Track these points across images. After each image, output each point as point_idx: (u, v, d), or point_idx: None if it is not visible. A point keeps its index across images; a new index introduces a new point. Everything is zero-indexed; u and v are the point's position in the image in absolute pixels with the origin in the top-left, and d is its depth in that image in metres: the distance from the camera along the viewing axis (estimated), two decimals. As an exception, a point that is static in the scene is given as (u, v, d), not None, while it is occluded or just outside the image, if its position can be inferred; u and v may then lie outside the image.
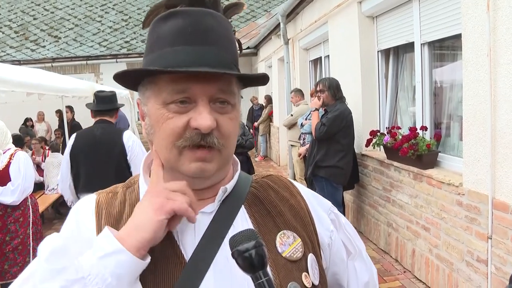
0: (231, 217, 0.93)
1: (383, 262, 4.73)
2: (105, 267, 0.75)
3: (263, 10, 16.86)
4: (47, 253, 0.78)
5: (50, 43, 15.49)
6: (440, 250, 3.86)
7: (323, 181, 4.88)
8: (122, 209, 0.93)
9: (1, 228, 3.87)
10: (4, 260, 3.87)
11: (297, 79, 9.24)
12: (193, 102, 0.84)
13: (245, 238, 0.78)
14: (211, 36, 0.85)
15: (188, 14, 0.85)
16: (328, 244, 1.03)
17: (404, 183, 4.43)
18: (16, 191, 3.84)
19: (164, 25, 0.86)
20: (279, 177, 1.09)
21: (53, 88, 6.03)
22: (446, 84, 4.36)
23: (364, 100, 5.51)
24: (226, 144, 0.87)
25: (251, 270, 0.77)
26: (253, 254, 0.76)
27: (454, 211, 3.61)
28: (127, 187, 1.00)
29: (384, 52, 5.39)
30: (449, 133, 4.26)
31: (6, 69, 5.15)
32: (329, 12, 6.43)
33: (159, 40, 0.86)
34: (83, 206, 0.97)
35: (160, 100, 0.85)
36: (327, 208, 1.08)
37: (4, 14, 17.21)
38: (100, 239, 0.80)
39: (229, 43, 0.89)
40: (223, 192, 0.93)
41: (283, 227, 0.96)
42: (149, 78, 0.88)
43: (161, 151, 0.88)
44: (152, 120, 0.88)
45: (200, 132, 0.83)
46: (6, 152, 4.04)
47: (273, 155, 12.64)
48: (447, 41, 4.19)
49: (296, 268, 0.92)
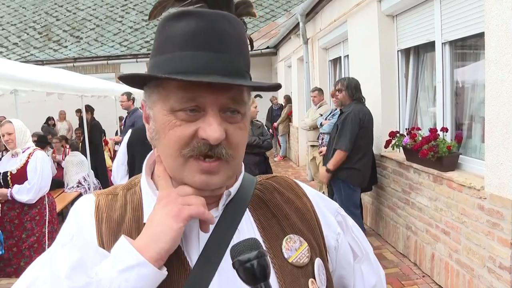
0: (236, 222, 0.90)
1: (401, 266, 4.63)
2: (126, 280, 0.73)
3: (282, 9, 16.81)
4: (68, 268, 0.73)
5: (72, 43, 15.73)
6: (460, 255, 3.75)
7: (340, 182, 4.80)
8: (123, 212, 0.90)
9: (18, 226, 3.93)
10: (21, 257, 3.92)
11: (316, 79, 9.17)
12: (203, 111, 0.80)
13: (247, 248, 0.75)
14: (225, 41, 0.81)
15: (202, 16, 0.80)
16: (334, 247, 1.01)
17: (424, 185, 4.33)
18: (32, 190, 3.90)
19: (175, 26, 0.81)
20: (284, 178, 1.06)
21: (72, 88, 6.12)
22: (468, 84, 4.24)
23: (383, 101, 5.41)
24: (234, 154, 0.84)
25: (253, 281, 0.73)
26: (255, 265, 0.73)
27: (475, 215, 3.50)
28: (127, 188, 0.96)
29: (404, 52, 5.29)
30: (470, 135, 4.14)
31: (27, 70, 5.24)
32: (348, 11, 6.35)
33: (169, 42, 0.82)
34: (82, 208, 0.93)
35: (168, 106, 0.81)
36: (334, 210, 1.05)
37: (29, 16, 17.55)
38: (119, 250, 0.77)
39: (242, 48, 0.85)
40: (227, 196, 0.90)
41: (289, 231, 0.94)
42: (156, 81, 0.84)
43: (165, 158, 0.85)
44: (158, 126, 0.84)
45: (208, 143, 0.79)
46: (25, 151, 4.09)
47: (292, 155, 12.59)
48: (469, 40, 4.08)
49: (302, 274, 0.89)
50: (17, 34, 16.45)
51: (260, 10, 17.00)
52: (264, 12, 16.87)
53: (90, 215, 0.90)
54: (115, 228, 0.87)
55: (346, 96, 4.85)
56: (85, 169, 7.32)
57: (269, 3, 17.28)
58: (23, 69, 5.08)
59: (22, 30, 16.69)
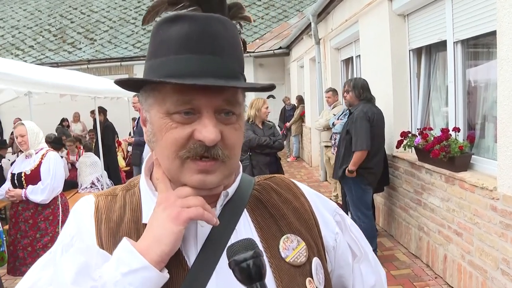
0: (234, 222, 0.91)
1: (413, 267, 4.59)
2: (130, 283, 0.74)
3: (295, 10, 16.78)
4: (73, 274, 0.74)
5: (86, 45, 15.90)
6: (473, 256, 3.71)
7: (351, 182, 4.77)
8: (122, 214, 0.91)
9: (32, 226, 4.00)
10: (35, 256, 3.98)
11: (328, 79, 9.14)
12: (198, 113, 0.81)
13: (243, 248, 0.76)
14: (218, 44, 0.82)
15: (195, 20, 0.81)
16: (333, 246, 1.01)
17: (436, 186, 4.28)
18: (46, 190, 3.96)
19: (169, 30, 0.82)
20: (282, 178, 1.07)
21: (85, 90, 6.19)
22: (481, 84, 4.19)
23: (395, 101, 5.37)
24: (230, 155, 0.85)
25: (248, 281, 0.74)
26: (250, 265, 0.73)
27: (488, 216, 3.46)
28: (127, 189, 0.97)
29: (416, 51, 5.24)
30: (483, 135, 4.09)
31: (41, 72, 5.31)
32: (359, 11, 6.32)
33: (163, 45, 0.83)
34: (82, 209, 0.95)
35: (164, 109, 0.83)
36: (332, 209, 1.06)
37: (44, 19, 17.80)
38: (122, 252, 0.78)
39: (236, 50, 0.86)
40: (225, 197, 0.92)
41: (287, 231, 0.94)
42: (152, 85, 0.85)
43: (163, 160, 0.86)
44: (155, 128, 0.86)
45: (204, 144, 0.80)
46: (38, 152, 4.15)
47: (305, 156, 12.56)
48: (482, 39, 4.03)
49: (300, 273, 0.90)
50: (33, 37, 16.70)
51: (273, 10, 17.00)
52: (277, 13, 16.86)
53: (89, 216, 0.92)
54: (114, 228, 0.89)
55: (353, 96, 4.83)
56: (99, 170, 7.40)
57: (282, 4, 17.27)
58: (37, 72, 5.15)
59: (37, 33, 16.93)
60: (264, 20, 16.54)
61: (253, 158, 5.25)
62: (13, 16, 18.18)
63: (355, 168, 4.66)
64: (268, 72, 15.65)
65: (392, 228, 5.54)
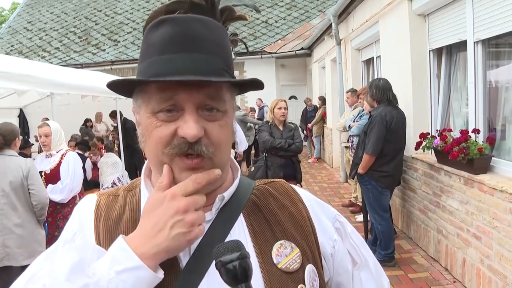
0: (229, 226, 0.92)
1: (431, 270, 4.52)
2: (123, 281, 0.75)
3: (317, 10, 16.71)
4: (67, 270, 0.75)
5: (110, 46, 16.15)
6: (492, 261, 3.63)
7: (368, 184, 4.73)
8: (121, 213, 0.94)
9: (51, 223, 4.09)
10: None
11: (349, 80, 9.07)
12: (181, 110, 0.83)
13: (229, 249, 0.76)
14: (199, 43, 0.84)
15: (176, 22, 0.84)
16: (331, 253, 1.00)
17: (455, 188, 4.21)
18: (65, 190, 4.04)
19: (154, 34, 0.85)
20: (282, 183, 1.06)
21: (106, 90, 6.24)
22: (502, 84, 4.10)
23: (415, 101, 5.30)
24: (216, 152, 0.85)
25: (234, 282, 0.74)
26: (236, 266, 0.74)
27: (508, 220, 3.38)
28: (128, 190, 1.00)
29: (436, 51, 5.16)
30: (504, 136, 4.00)
31: (63, 73, 5.43)
32: (380, 11, 6.26)
33: (150, 49, 0.86)
34: (85, 206, 0.98)
35: (149, 108, 0.85)
36: (331, 216, 1.05)
37: (70, 21, 18.18)
38: (117, 251, 0.79)
39: (220, 48, 0.87)
40: (220, 201, 0.92)
41: (281, 237, 0.94)
42: (140, 87, 0.88)
43: (152, 158, 0.88)
44: (143, 128, 0.88)
45: (187, 141, 0.82)
46: (58, 151, 4.25)
47: (326, 157, 12.49)
48: (503, 38, 3.94)
49: (292, 279, 0.90)
50: (59, 39, 17.06)
51: (295, 11, 16.96)
52: (299, 13, 16.82)
53: (90, 213, 0.95)
54: (112, 226, 0.91)
55: (371, 98, 4.77)
56: (120, 170, 7.51)
57: (304, 4, 17.22)
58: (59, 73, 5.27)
59: (63, 35, 17.29)
60: (286, 21, 16.53)
61: (268, 160, 5.26)
62: (41, 19, 18.63)
63: (363, 171, 4.63)
64: (290, 73, 15.63)
65: (411, 230, 5.47)
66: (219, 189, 0.94)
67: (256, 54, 14.83)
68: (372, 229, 5.09)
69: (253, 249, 0.90)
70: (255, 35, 15.87)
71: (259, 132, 5.81)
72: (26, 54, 16.29)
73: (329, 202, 7.32)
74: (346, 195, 8.13)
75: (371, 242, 5.04)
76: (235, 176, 1.00)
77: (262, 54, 14.87)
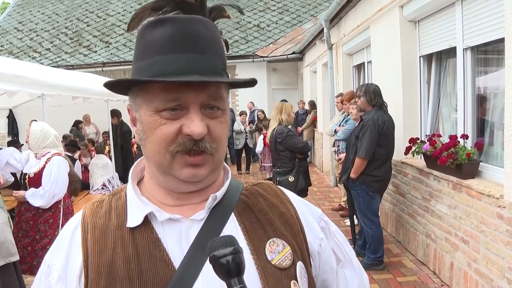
0: (221, 225, 0.94)
1: (420, 274, 4.56)
2: None
3: (309, 15, 16.75)
4: None
5: (101, 48, 16.06)
6: (479, 265, 3.68)
7: (358, 189, 4.76)
8: (107, 221, 0.94)
9: (33, 227, 4.04)
10: (34, 256, 4.04)
11: (340, 85, 9.12)
12: (185, 109, 0.86)
13: (223, 244, 0.78)
14: (200, 42, 0.86)
15: (177, 21, 0.86)
16: (318, 251, 1.03)
17: (443, 193, 4.26)
18: (45, 196, 3.97)
19: (153, 33, 0.87)
20: (269, 184, 1.09)
21: (97, 92, 6.25)
22: (490, 90, 4.16)
23: (405, 107, 5.36)
24: (217, 147, 0.89)
25: (227, 276, 0.76)
26: (230, 261, 0.76)
27: (494, 224, 3.43)
28: (113, 194, 1.01)
29: (427, 57, 5.22)
30: (492, 142, 4.05)
31: (54, 74, 5.40)
32: (371, 17, 6.32)
33: (148, 48, 0.87)
34: (66, 234, 0.97)
35: (152, 107, 0.87)
36: (317, 216, 1.08)
37: (61, 22, 18.03)
38: None
39: (218, 48, 0.90)
40: (213, 200, 0.94)
41: (273, 235, 0.97)
42: (140, 85, 0.89)
43: (154, 155, 0.90)
44: (145, 126, 0.89)
45: (192, 138, 0.85)
46: (45, 155, 4.15)
47: (316, 161, 12.53)
48: (491, 46, 4.01)
49: (285, 276, 0.92)
50: (50, 40, 16.93)
51: (287, 15, 17.00)
52: (291, 18, 16.86)
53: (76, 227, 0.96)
54: (99, 237, 0.92)
55: (365, 102, 4.80)
56: (110, 171, 7.48)
57: (296, 9, 17.26)
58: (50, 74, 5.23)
59: (54, 36, 17.16)
60: (278, 25, 16.55)
61: (300, 165, 5.34)
62: (32, 20, 18.47)
63: (355, 175, 4.67)
64: (281, 77, 15.65)
65: (400, 234, 5.51)
66: (211, 188, 0.96)
67: (248, 58, 14.84)
68: (361, 233, 5.12)
69: (247, 247, 0.92)
70: (247, 38, 15.88)
71: (290, 138, 5.36)
72: (16, 54, 16.15)
73: (319, 206, 7.35)
74: (336, 199, 8.17)
75: (360, 246, 5.08)
76: (226, 177, 1.02)
77: (253, 58, 14.88)
